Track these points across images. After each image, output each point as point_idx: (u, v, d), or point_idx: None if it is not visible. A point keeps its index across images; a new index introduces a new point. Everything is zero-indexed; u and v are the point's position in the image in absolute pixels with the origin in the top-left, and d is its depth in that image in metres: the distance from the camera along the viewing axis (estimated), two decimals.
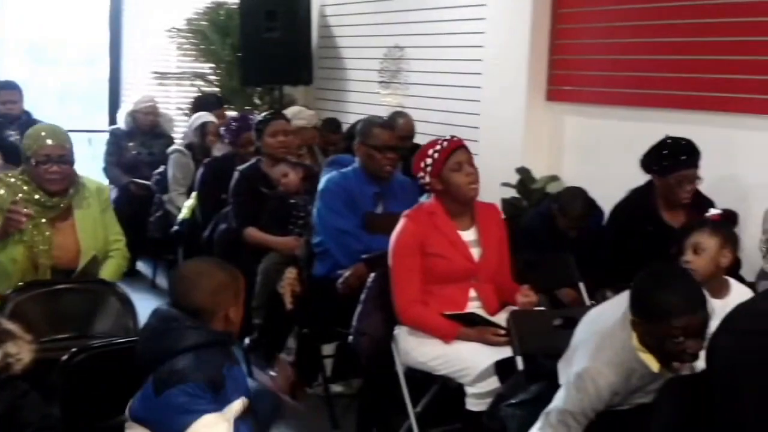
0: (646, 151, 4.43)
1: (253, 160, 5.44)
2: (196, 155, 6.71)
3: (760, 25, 4.70)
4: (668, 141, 4.39)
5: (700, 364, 2.83)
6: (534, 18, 6.02)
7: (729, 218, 3.74)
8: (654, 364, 2.83)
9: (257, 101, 8.64)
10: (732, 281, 3.53)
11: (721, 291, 3.43)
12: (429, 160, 3.77)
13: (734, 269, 4.03)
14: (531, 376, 3.23)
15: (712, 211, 3.64)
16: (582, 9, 5.87)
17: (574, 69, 5.96)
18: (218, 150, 6.65)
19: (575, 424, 2.83)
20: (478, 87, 6.52)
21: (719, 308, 3.17)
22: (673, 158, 4.31)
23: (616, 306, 2.92)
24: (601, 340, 2.86)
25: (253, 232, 5.13)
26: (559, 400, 2.88)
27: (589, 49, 5.84)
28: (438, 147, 3.78)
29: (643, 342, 2.80)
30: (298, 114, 6.46)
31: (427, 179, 3.79)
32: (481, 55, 6.49)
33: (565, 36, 6.00)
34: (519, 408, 3.10)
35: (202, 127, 6.83)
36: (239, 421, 2.64)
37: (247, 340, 4.96)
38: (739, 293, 3.42)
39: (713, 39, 4.95)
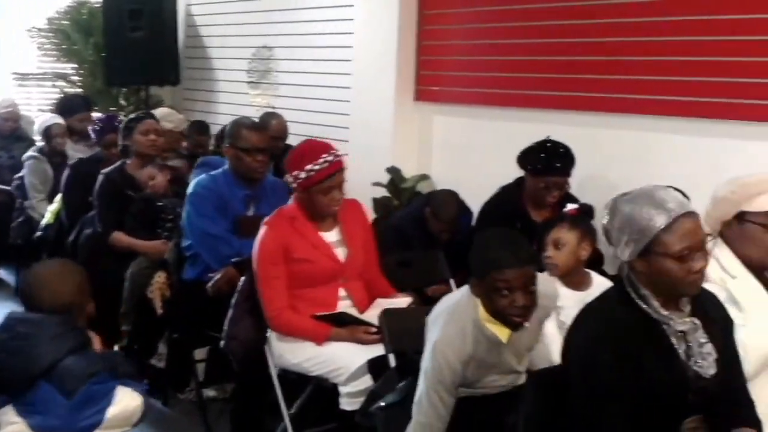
0: (525, 148, 4.53)
1: (118, 162, 5.31)
2: (51, 159, 6.54)
3: (622, 27, 4.85)
4: (547, 144, 4.49)
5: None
6: (401, 19, 6.08)
7: (586, 212, 3.86)
8: (502, 334, 2.90)
9: (123, 102, 8.46)
10: (593, 274, 3.65)
11: (582, 284, 3.55)
12: (303, 175, 3.71)
13: (597, 263, 4.17)
14: (403, 373, 3.26)
15: (569, 206, 3.75)
16: (447, 11, 5.96)
17: (442, 69, 6.05)
18: (73, 150, 6.51)
19: (438, 400, 2.88)
20: (348, 87, 6.55)
21: (581, 300, 3.30)
22: (547, 162, 4.42)
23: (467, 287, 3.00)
24: (449, 316, 2.93)
25: (119, 237, 5.03)
26: (420, 384, 2.92)
27: (456, 50, 5.93)
28: (317, 167, 3.70)
29: (485, 306, 2.88)
30: (167, 116, 6.34)
31: (294, 185, 3.78)
32: (350, 56, 6.52)
33: (432, 37, 6.07)
34: (387, 410, 3.14)
35: (47, 131, 6.65)
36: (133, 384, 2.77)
37: (116, 347, 4.85)
38: (600, 285, 3.53)
39: (577, 40, 5.09)
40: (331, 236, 3.86)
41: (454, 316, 2.92)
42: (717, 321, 2.54)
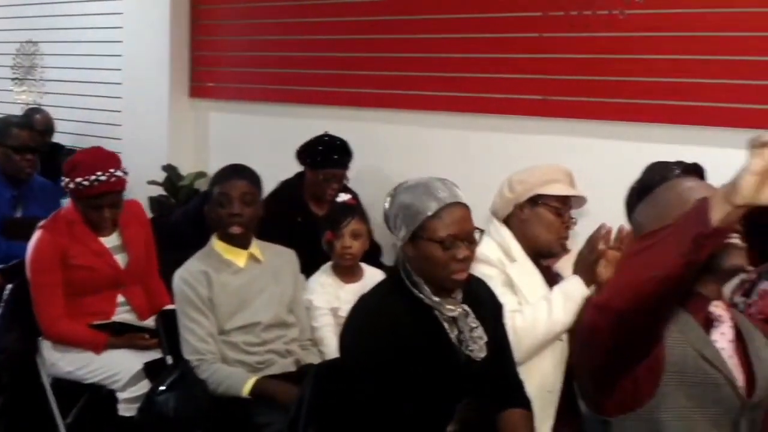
0: (303, 143, 4.57)
1: None
2: None
3: (394, 24, 4.93)
4: (325, 138, 4.55)
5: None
6: (173, 13, 5.96)
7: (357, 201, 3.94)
8: (239, 260, 3.40)
9: None
10: (364, 265, 3.72)
11: (357, 275, 3.63)
12: (72, 185, 3.58)
13: (375, 254, 4.26)
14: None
15: (343, 197, 3.82)
16: (219, 6, 5.90)
17: (216, 65, 5.98)
18: None
19: (191, 322, 3.24)
20: (119, 83, 6.37)
21: (357, 292, 3.35)
22: (325, 156, 4.48)
23: None
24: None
25: None
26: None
27: (229, 46, 5.89)
28: (86, 182, 3.56)
29: (218, 236, 3.42)
30: None
31: (68, 190, 3.65)
32: (120, 51, 6.34)
33: (205, 32, 5.99)
34: (170, 390, 3.17)
35: None
36: None
37: None
38: (371, 276, 3.63)
39: (350, 37, 5.15)
40: (111, 241, 3.75)
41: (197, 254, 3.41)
42: (487, 306, 2.63)
